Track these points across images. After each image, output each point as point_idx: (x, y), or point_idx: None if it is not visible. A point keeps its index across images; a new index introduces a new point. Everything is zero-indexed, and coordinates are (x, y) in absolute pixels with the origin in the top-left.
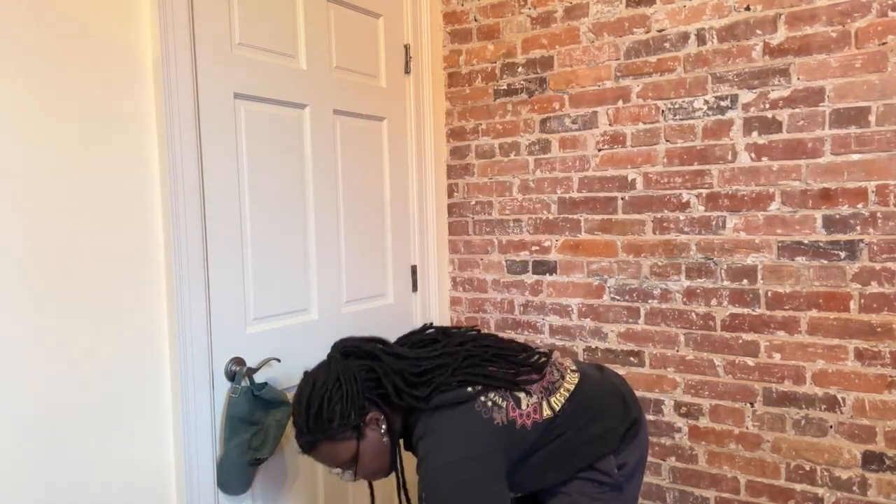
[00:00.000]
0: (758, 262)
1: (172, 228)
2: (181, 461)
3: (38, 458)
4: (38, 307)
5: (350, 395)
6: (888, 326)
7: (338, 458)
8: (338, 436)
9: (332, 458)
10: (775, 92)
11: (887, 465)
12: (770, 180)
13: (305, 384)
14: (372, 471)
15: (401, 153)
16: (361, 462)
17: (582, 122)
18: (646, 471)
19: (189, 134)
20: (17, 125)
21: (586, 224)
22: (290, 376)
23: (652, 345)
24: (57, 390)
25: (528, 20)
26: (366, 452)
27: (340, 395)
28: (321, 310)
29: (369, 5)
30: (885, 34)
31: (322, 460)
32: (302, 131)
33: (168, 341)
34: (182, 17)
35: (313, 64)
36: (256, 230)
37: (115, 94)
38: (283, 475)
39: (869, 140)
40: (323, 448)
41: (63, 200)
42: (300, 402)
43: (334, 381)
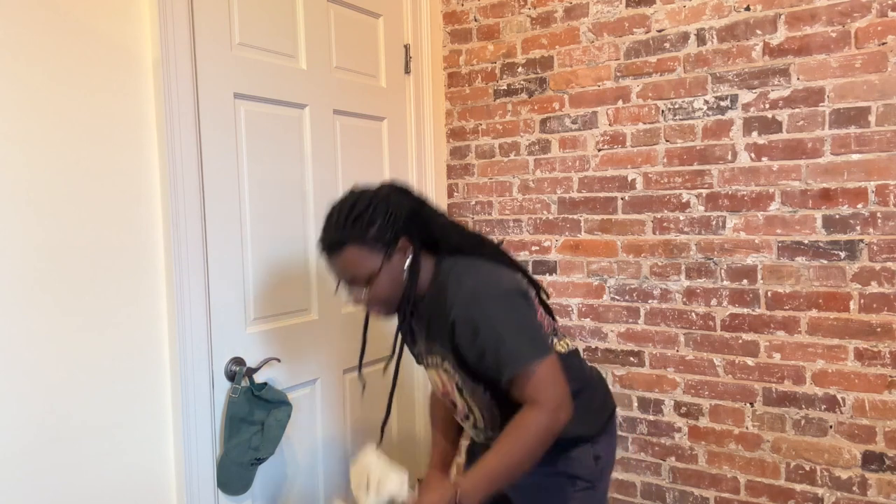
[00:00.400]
0: (758, 262)
1: (172, 228)
2: (181, 461)
3: (38, 458)
4: (37, 307)
5: (394, 215)
6: (888, 326)
7: (356, 269)
8: (368, 244)
9: (352, 266)
10: (775, 92)
11: (887, 465)
12: (770, 180)
13: (351, 193)
14: (383, 298)
15: (401, 153)
16: (378, 283)
17: (582, 122)
18: (646, 471)
19: (189, 134)
20: (17, 125)
21: (586, 224)
22: (290, 376)
23: (652, 345)
24: (56, 390)
25: (528, 20)
26: (385, 275)
27: (386, 209)
28: (321, 310)
29: (369, 5)
30: (885, 34)
31: (339, 266)
32: (302, 131)
33: (168, 341)
34: (182, 18)
35: (313, 64)
36: (257, 230)
37: (115, 94)
38: (283, 475)
39: (869, 140)
40: (348, 252)
41: (62, 201)
42: (342, 204)
43: (384, 196)
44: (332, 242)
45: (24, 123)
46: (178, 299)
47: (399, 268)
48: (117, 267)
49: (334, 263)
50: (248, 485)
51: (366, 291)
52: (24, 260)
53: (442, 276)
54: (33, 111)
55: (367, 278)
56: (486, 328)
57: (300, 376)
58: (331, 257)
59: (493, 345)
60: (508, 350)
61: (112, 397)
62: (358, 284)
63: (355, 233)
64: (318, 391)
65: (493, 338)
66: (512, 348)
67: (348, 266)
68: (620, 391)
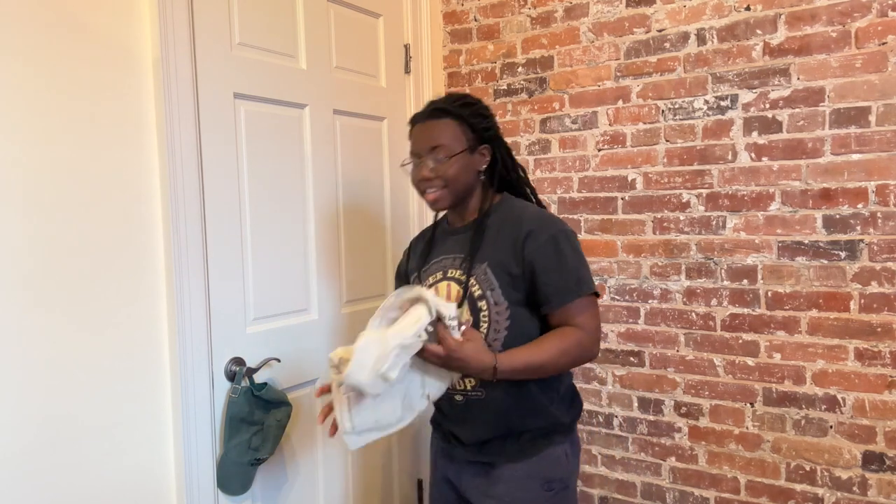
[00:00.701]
0: (758, 262)
1: (172, 228)
2: (181, 461)
3: (38, 459)
4: (37, 307)
5: (492, 125)
6: (888, 326)
7: (445, 138)
8: (464, 127)
9: (443, 134)
10: (775, 92)
11: (887, 465)
12: (770, 180)
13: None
14: (450, 177)
15: (401, 153)
16: (453, 162)
17: (582, 122)
18: (646, 471)
19: (189, 134)
20: (17, 125)
21: (586, 224)
22: (290, 376)
23: (652, 345)
24: (56, 390)
25: (528, 20)
26: (462, 160)
27: (489, 116)
28: (321, 310)
29: (369, 5)
30: (885, 34)
31: (431, 132)
32: (302, 131)
33: (168, 341)
34: (182, 17)
35: (313, 64)
36: (256, 230)
37: (114, 94)
38: (283, 475)
39: (869, 140)
40: (446, 122)
41: (62, 200)
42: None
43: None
44: (436, 109)
45: (23, 123)
46: (178, 299)
47: (474, 166)
48: (117, 267)
49: (428, 128)
50: (248, 485)
51: (446, 163)
52: (23, 260)
53: (508, 202)
54: (33, 111)
55: (449, 153)
56: (565, 250)
57: (300, 376)
58: (427, 122)
59: (567, 266)
60: (579, 276)
61: (112, 397)
62: (441, 153)
63: (461, 111)
64: None
65: (567, 261)
66: (582, 276)
67: (439, 133)
68: (620, 391)
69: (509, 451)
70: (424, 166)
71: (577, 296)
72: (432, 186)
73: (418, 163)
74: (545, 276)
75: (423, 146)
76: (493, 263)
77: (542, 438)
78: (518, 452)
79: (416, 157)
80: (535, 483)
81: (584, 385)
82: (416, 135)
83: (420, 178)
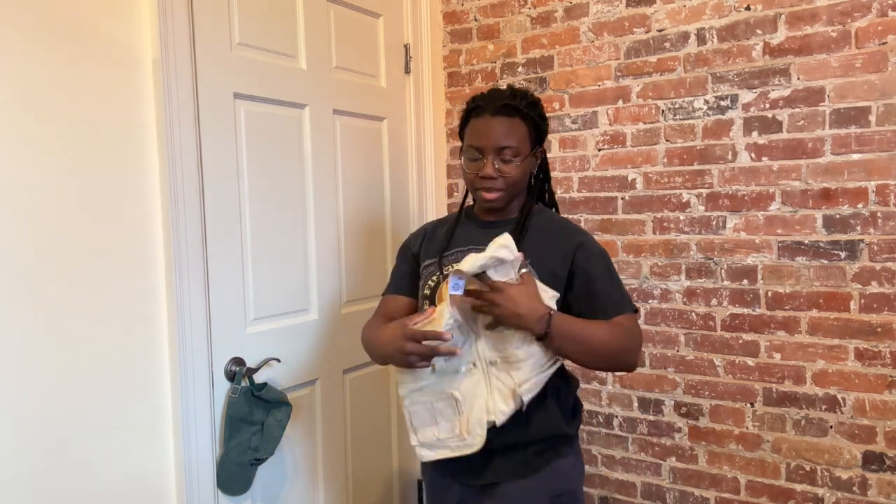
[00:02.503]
0: (758, 262)
1: (172, 228)
2: (181, 461)
3: (38, 459)
4: (37, 307)
5: (547, 129)
6: (888, 326)
7: (516, 139)
8: (531, 130)
9: (513, 134)
10: (775, 92)
11: (887, 465)
12: (770, 180)
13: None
14: (513, 180)
15: (401, 153)
16: (518, 164)
17: (582, 121)
18: (646, 471)
19: (189, 134)
20: (16, 124)
21: (586, 224)
22: (290, 376)
23: (652, 345)
24: (57, 390)
25: (528, 20)
26: (525, 164)
27: (546, 117)
28: (321, 310)
29: (369, 5)
30: (885, 34)
31: (504, 128)
32: (302, 131)
33: (168, 341)
34: (182, 17)
35: (313, 64)
36: (256, 230)
37: (114, 94)
38: (283, 475)
39: (869, 140)
40: (517, 123)
41: (62, 200)
42: (523, 90)
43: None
44: (513, 107)
45: (23, 123)
46: (178, 299)
47: (530, 169)
48: (117, 267)
49: (498, 125)
50: (248, 485)
51: (514, 163)
52: (23, 260)
53: (546, 211)
54: (32, 111)
55: (517, 154)
56: (612, 268)
57: (300, 376)
58: (498, 118)
59: (616, 282)
60: (623, 293)
61: (112, 397)
62: (504, 156)
63: (531, 113)
64: (318, 391)
65: (616, 278)
66: (625, 294)
67: (510, 133)
68: (620, 391)
69: (515, 466)
70: (489, 164)
71: (630, 310)
72: (494, 187)
73: (480, 158)
74: (601, 285)
75: (490, 143)
76: (536, 261)
77: (549, 451)
78: (524, 466)
79: (479, 153)
80: (544, 499)
81: (584, 385)
82: (481, 129)
83: (483, 175)
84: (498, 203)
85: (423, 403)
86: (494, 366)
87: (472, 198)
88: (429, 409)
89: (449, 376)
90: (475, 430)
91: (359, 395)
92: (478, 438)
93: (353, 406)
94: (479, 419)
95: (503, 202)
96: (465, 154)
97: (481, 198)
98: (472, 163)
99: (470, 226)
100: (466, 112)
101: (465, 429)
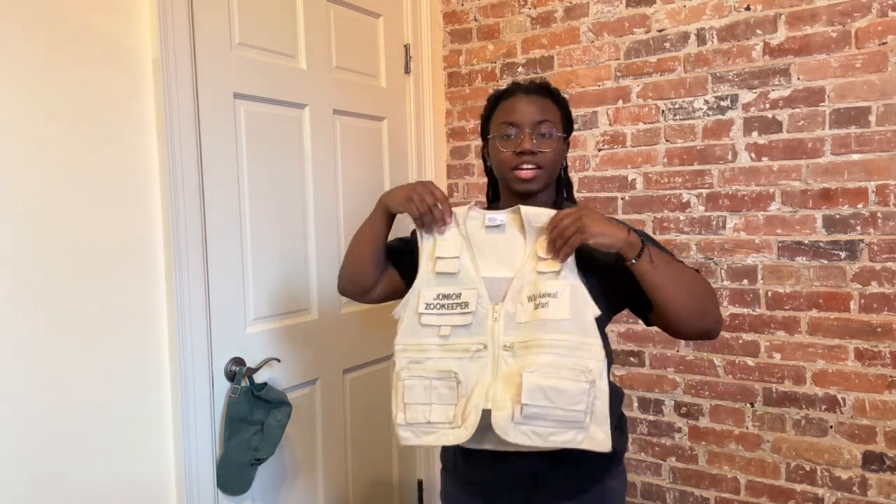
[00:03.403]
0: (758, 262)
1: (172, 228)
2: (181, 461)
3: (38, 459)
4: (37, 307)
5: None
6: (888, 326)
7: (552, 115)
8: (563, 115)
9: (550, 111)
10: (775, 92)
11: (887, 465)
12: (770, 180)
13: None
14: (552, 157)
15: (401, 153)
16: (557, 143)
17: (582, 122)
18: (646, 471)
19: (189, 134)
20: (16, 125)
21: None
22: (290, 376)
23: (652, 345)
24: (57, 391)
25: (528, 20)
26: (562, 146)
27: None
28: (321, 310)
29: (369, 5)
30: (885, 34)
31: (539, 105)
32: (302, 131)
33: (168, 341)
34: (182, 17)
35: (313, 64)
36: (256, 230)
37: (114, 94)
38: (283, 475)
39: (869, 140)
40: (552, 104)
41: (62, 201)
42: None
43: None
44: (546, 88)
45: (23, 123)
46: (178, 299)
47: (562, 155)
48: (117, 267)
49: (535, 102)
50: (247, 485)
51: (550, 146)
52: (24, 260)
53: (572, 205)
54: (32, 111)
55: (552, 132)
56: (655, 242)
57: (300, 376)
58: (534, 95)
59: (665, 251)
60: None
61: (111, 397)
62: (542, 129)
63: (561, 99)
64: (318, 391)
65: (662, 248)
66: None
67: (547, 109)
68: None
69: (565, 487)
70: (527, 138)
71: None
72: (532, 162)
73: (518, 134)
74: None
75: (528, 118)
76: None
77: (600, 470)
78: (575, 489)
79: (516, 129)
80: (616, 495)
81: None
82: (516, 105)
83: (521, 150)
84: (535, 183)
85: (420, 378)
86: (509, 351)
87: (501, 189)
88: (426, 386)
89: (455, 354)
90: (470, 417)
91: (359, 395)
92: (470, 428)
93: (353, 406)
94: (475, 405)
95: (541, 182)
96: (495, 136)
97: (516, 179)
98: (507, 141)
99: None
100: (493, 99)
101: (460, 415)
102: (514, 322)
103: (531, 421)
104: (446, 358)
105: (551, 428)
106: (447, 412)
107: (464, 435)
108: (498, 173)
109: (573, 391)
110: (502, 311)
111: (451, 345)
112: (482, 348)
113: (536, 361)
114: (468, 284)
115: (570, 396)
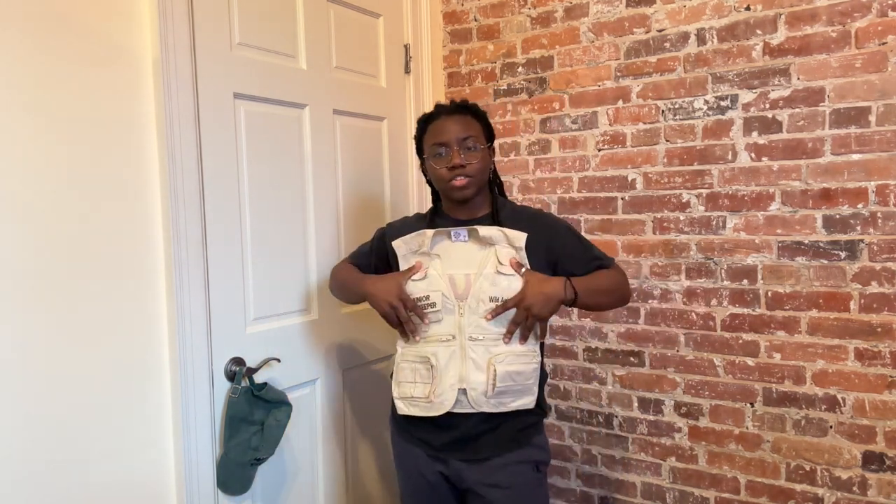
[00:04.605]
0: (758, 262)
1: (172, 228)
2: (181, 461)
3: (37, 458)
4: (37, 307)
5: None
6: (888, 326)
7: (474, 131)
8: (483, 128)
9: (471, 127)
10: (775, 92)
11: (887, 465)
12: (770, 180)
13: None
14: (479, 166)
15: (401, 153)
16: (482, 154)
17: (582, 122)
18: (646, 471)
19: (189, 134)
20: (16, 125)
21: (586, 224)
22: (290, 376)
23: (652, 345)
24: (57, 390)
25: (528, 20)
26: (486, 156)
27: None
28: (321, 310)
29: (369, 5)
30: (885, 34)
31: (461, 123)
32: (302, 131)
33: (168, 341)
34: (182, 17)
35: (313, 64)
36: (256, 230)
37: (114, 94)
38: (283, 475)
39: (869, 140)
40: (472, 119)
41: (62, 201)
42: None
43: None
44: (464, 107)
45: (22, 123)
46: (178, 299)
47: (489, 161)
48: (117, 267)
49: (457, 121)
50: (248, 485)
51: (479, 153)
52: (24, 260)
53: (508, 202)
54: (32, 111)
55: (476, 146)
56: (580, 236)
57: (300, 376)
58: (455, 115)
59: (588, 245)
60: (597, 250)
61: (112, 397)
62: (468, 144)
63: (479, 112)
64: (318, 391)
65: (584, 242)
66: (598, 250)
67: (469, 126)
68: (620, 391)
69: (504, 442)
70: (455, 153)
71: (609, 260)
72: (462, 174)
73: (447, 152)
74: (581, 252)
75: (453, 136)
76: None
77: (530, 428)
78: (511, 441)
79: (445, 148)
80: (528, 466)
81: (584, 385)
82: (442, 127)
83: (452, 165)
84: (469, 190)
85: (408, 361)
86: (474, 341)
87: (441, 200)
88: (413, 368)
89: (432, 342)
90: (444, 394)
91: (359, 394)
92: (447, 403)
93: (353, 406)
94: (451, 385)
95: (473, 189)
96: (429, 157)
97: (452, 188)
98: (440, 158)
99: (448, 225)
100: (422, 123)
101: (433, 393)
102: (475, 317)
103: (500, 396)
104: (425, 346)
105: (512, 398)
106: (425, 389)
107: (442, 409)
108: (437, 186)
109: (528, 371)
110: (466, 307)
111: (429, 336)
112: (451, 339)
113: (501, 351)
114: (435, 287)
115: (527, 375)
